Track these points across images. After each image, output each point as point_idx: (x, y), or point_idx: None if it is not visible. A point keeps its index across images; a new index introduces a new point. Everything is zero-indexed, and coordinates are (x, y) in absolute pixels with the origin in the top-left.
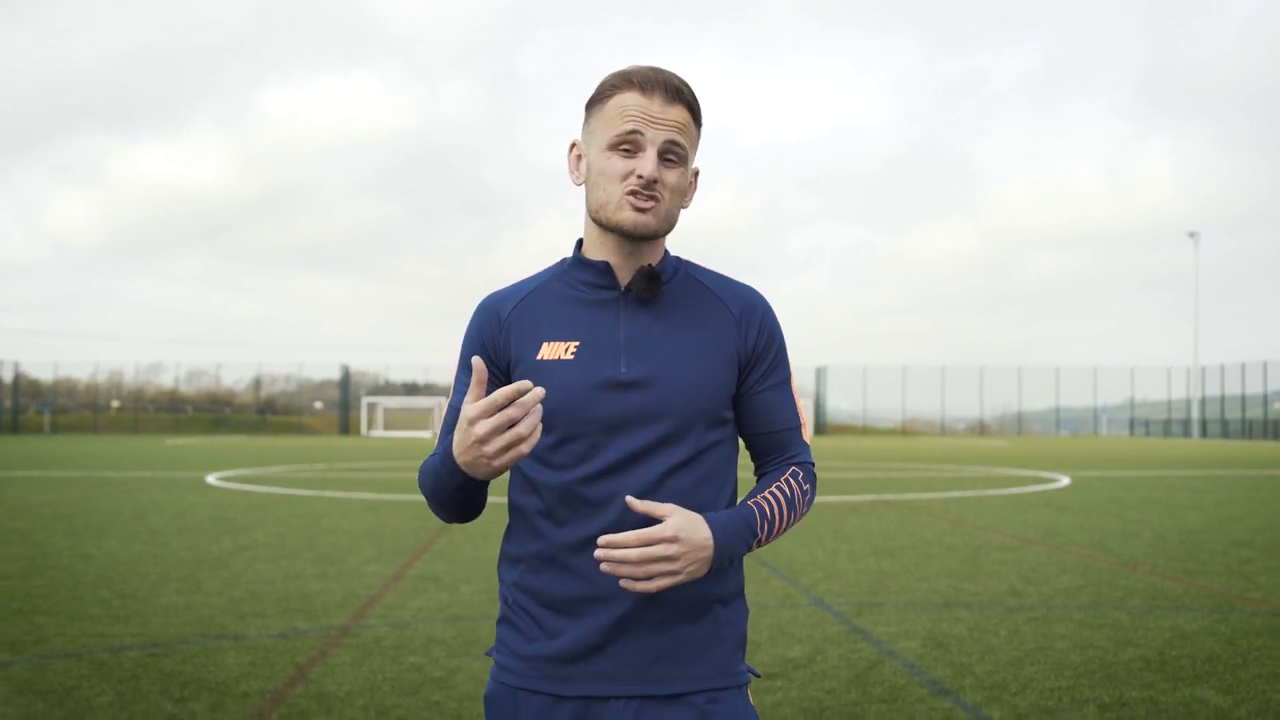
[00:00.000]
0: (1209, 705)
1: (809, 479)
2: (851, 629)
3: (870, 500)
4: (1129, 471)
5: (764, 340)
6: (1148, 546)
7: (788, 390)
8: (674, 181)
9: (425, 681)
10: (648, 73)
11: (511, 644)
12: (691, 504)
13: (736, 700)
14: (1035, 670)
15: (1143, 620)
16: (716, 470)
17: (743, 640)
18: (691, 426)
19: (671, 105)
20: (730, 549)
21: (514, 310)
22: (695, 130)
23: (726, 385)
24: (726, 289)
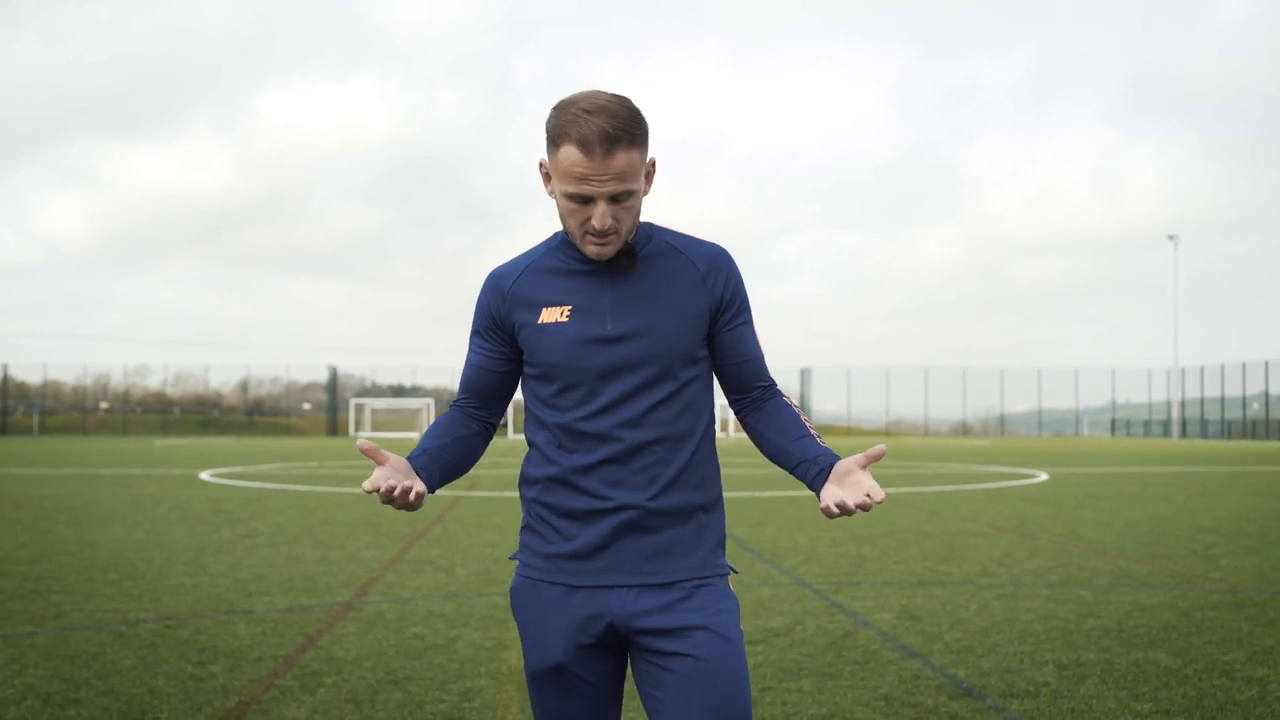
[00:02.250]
0: (1160, 665)
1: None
2: (829, 604)
3: None
4: (1106, 468)
5: (729, 290)
6: (1117, 534)
7: (750, 328)
8: (626, 214)
9: (428, 648)
10: (585, 128)
11: (534, 546)
12: (672, 431)
13: (717, 586)
14: (1000, 638)
15: (1105, 596)
16: (694, 401)
17: (722, 540)
18: (670, 369)
19: (610, 157)
20: None
21: (514, 284)
22: (640, 154)
23: (698, 330)
24: (693, 249)
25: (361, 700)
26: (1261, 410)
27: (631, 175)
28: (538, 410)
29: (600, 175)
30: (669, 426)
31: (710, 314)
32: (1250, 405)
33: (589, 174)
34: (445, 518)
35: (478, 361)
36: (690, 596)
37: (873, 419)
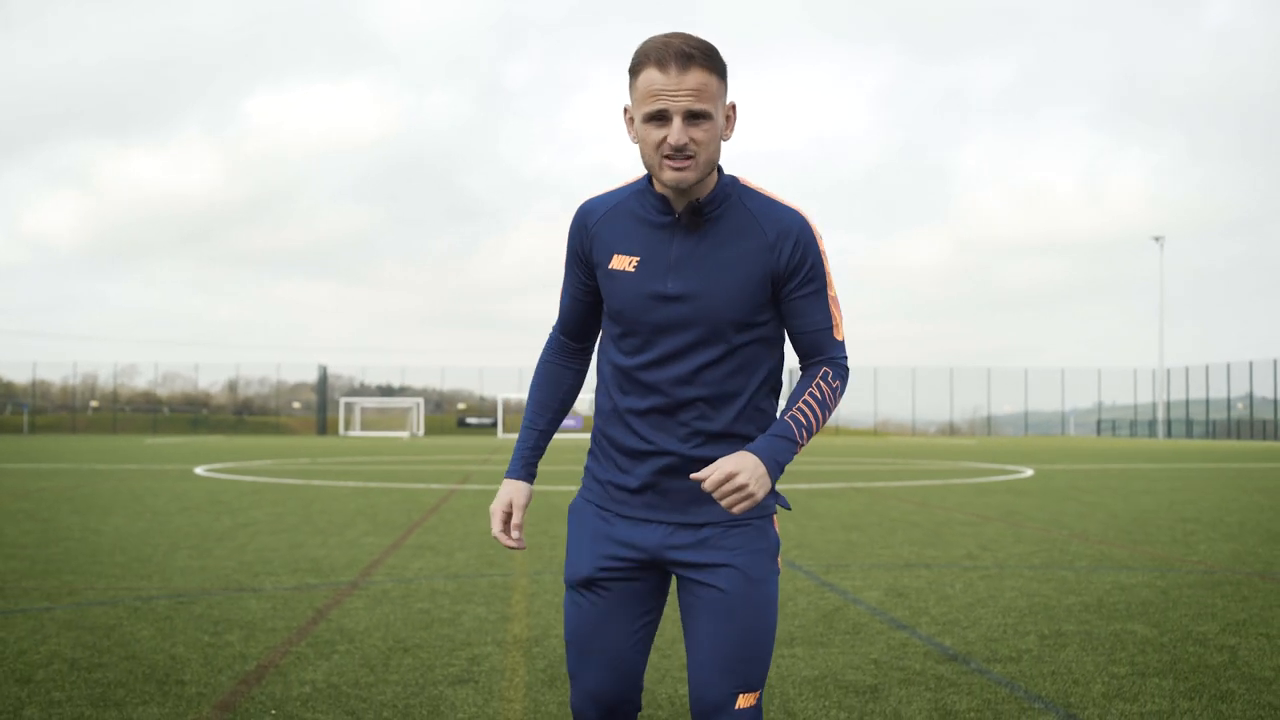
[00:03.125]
0: (1136, 635)
1: (838, 375)
2: (820, 583)
3: (840, 487)
4: (1091, 465)
5: (797, 257)
6: (1100, 523)
7: (821, 298)
8: (704, 136)
9: (434, 621)
10: (662, 47)
11: (594, 471)
12: (721, 390)
13: (755, 526)
14: (984, 612)
15: (1087, 576)
16: (747, 363)
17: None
18: (722, 332)
19: (686, 73)
20: (779, 459)
21: (597, 223)
22: (717, 81)
23: (755, 298)
24: (768, 213)
25: (375, 664)
26: (1246, 411)
27: (707, 96)
28: (608, 346)
29: (675, 89)
30: (718, 386)
31: (773, 281)
32: (1235, 406)
33: (664, 89)
34: (440, 508)
35: (570, 291)
36: (725, 535)
37: (861, 419)
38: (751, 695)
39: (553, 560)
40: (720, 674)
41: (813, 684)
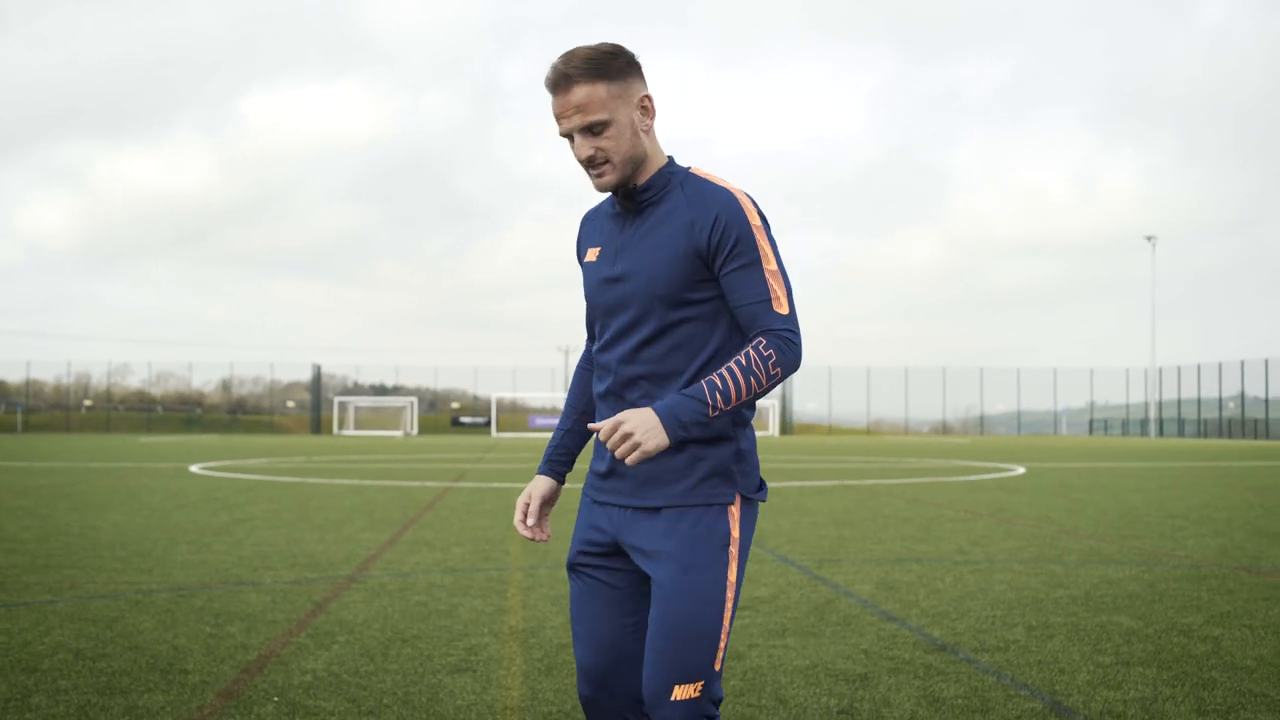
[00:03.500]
0: (1122, 626)
1: (772, 344)
2: (812, 577)
3: (832, 485)
4: (1083, 463)
5: (719, 234)
6: (1089, 519)
7: (754, 271)
8: (609, 143)
9: (431, 613)
10: (550, 73)
11: (591, 463)
12: (662, 369)
13: (704, 515)
14: (974, 604)
15: (1075, 570)
16: (686, 341)
17: (722, 470)
18: (653, 310)
19: (570, 94)
20: (679, 414)
21: (583, 225)
22: (606, 86)
23: (682, 275)
24: (697, 194)
25: (374, 654)
26: (1237, 410)
27: (596, 107)
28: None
29: (565, 111)
30: (657, 364)
31: (701, 259)
32: (1227, 405)
33: (560, 112)
34: (436, 505)
35: (585, 293)
36: (672, 523)
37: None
38: (690, 685)
39: (546, 556)
40: (655, 665)
41: (804, 672)
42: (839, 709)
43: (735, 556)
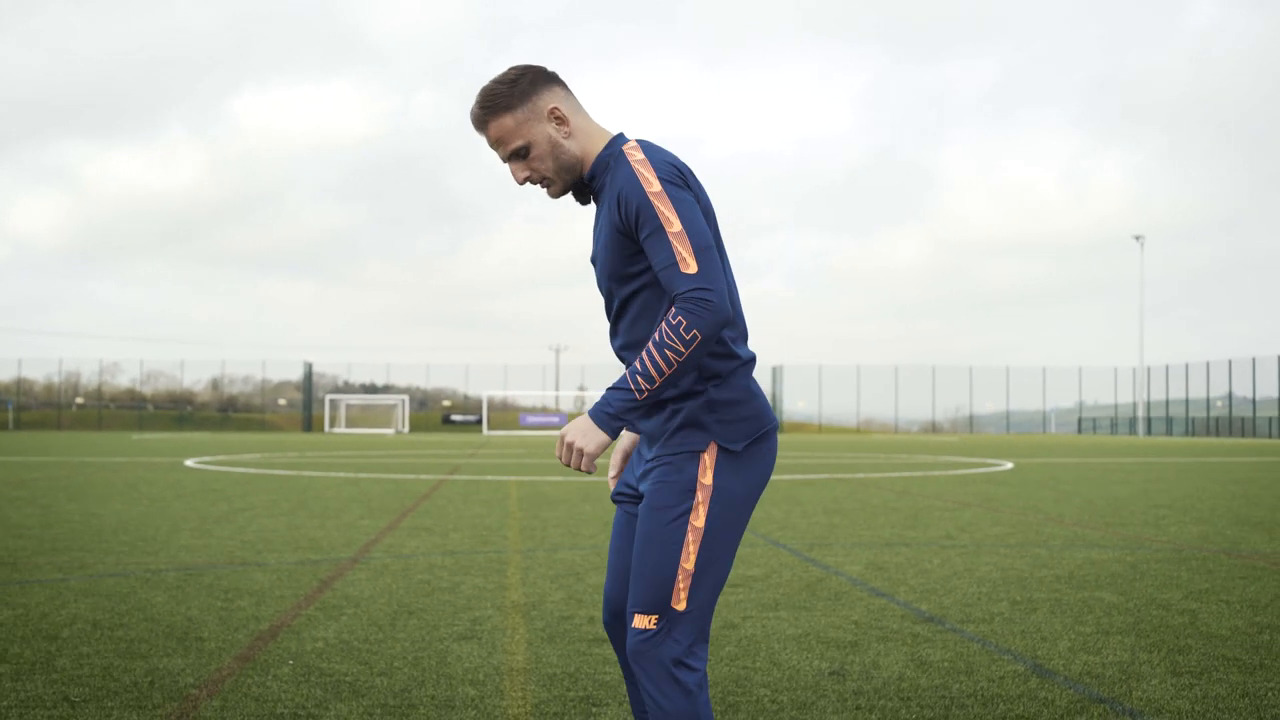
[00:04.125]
0: (1104, 601)
1: (681, 311)
2: (803, 559)
3: (823, 478)
4: (1070, 459)
5: (628, 210)
6: (1075, 508)
7: (659, 238)
8: (536, 161)
9: (435, 589)
10: (470, 118)
11: None
12: (635, 337)
13: (674, 461)
14: (960, 582)
15: (1060, 553)
16: (645, 309)
17: (691, 420)
18: (613, 288)
19: (486, 131)
20: (607, 409)
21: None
22: (513, 116)
23: (617, 253)
24: (614, 176)
25: (382, 624)
26: (1225, 409)
27: (510, 135)
28: None
29: (491, 146)
30: (631, 333)
31: (626, 235)
32: (1214, 404)
33: (490, 148)
34: (432, 495)
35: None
36: (655, 472)
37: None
38: (646, 618)
39: (543, 540)
40: (629, 593)
41: (797, 640)
42: (830, 670)
43: (704, 502)
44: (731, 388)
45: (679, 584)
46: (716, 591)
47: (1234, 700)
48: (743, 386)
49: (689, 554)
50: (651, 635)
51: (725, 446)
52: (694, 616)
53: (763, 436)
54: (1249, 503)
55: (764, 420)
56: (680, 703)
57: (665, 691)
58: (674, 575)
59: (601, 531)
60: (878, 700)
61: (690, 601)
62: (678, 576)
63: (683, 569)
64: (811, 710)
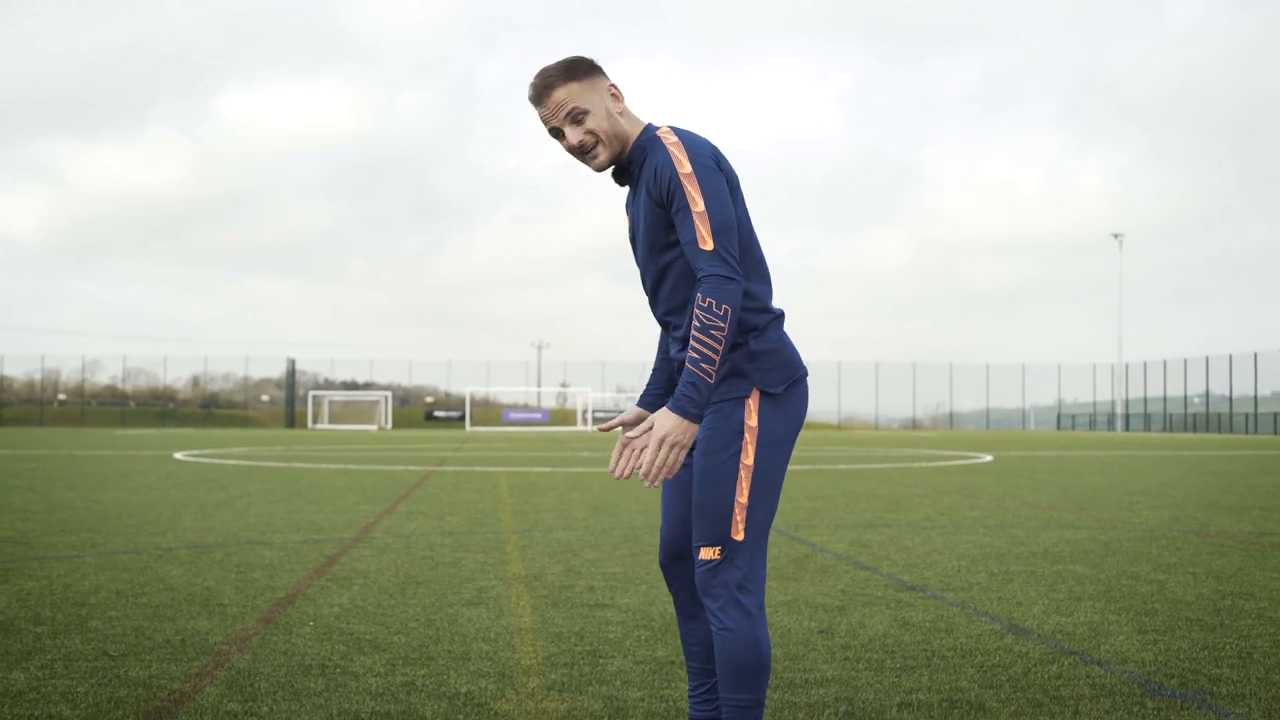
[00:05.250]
0: (1076, 573)
1: (708, 292)
2: (789, 538)
3: (806, 469)
4: (1049, 451)
5: (661, 185)
6: (1051, 495)
7: (686, 215)
8: (592, 126)
9: (439, 563)
10: (530, 90)
11: None
12: (674, 303)
13: (723, 408)
14: (940, 557)
15: (1036, 533)
16: (684, 274)
17: (735, 369)
18: (651, 258)
19: (551, 96)
20: (694, 403)
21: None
22: (577, 84)
23: (656, 224)
24: (652, 156)
25: (393, 593)
26: (1202, 406)
27: (573, 100)
28: None
29: (552, 111)
30: (670, 301)
31: (662, 208)
32: (1192, 401)
33: (547, 115)
34: (424, 484)
35: None
36: (707, 418)
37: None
38: (711, 549)
39: (537, 523)
40: (693, 529)
41: (786, 605)
42: (819, 629)
43: (752, 442)
44: (768, 339)
45: (736, 517)
46: (769, 522)
47: (1194, 652)
48: (776, 338)
49: (742, 489)
50: (716, 565)
51: (766, 391)
52: (751, 545)
53: (797, 381)
54: (1220, 490)
55: (797, 367)
56: (743, 624)
57: (730, 614)
58: (731, 509)
59: (591, 515)
60: (864, 653)
61: (747, 532)
62: (734, 510)
63: (738, 503)
64: (803, 661)
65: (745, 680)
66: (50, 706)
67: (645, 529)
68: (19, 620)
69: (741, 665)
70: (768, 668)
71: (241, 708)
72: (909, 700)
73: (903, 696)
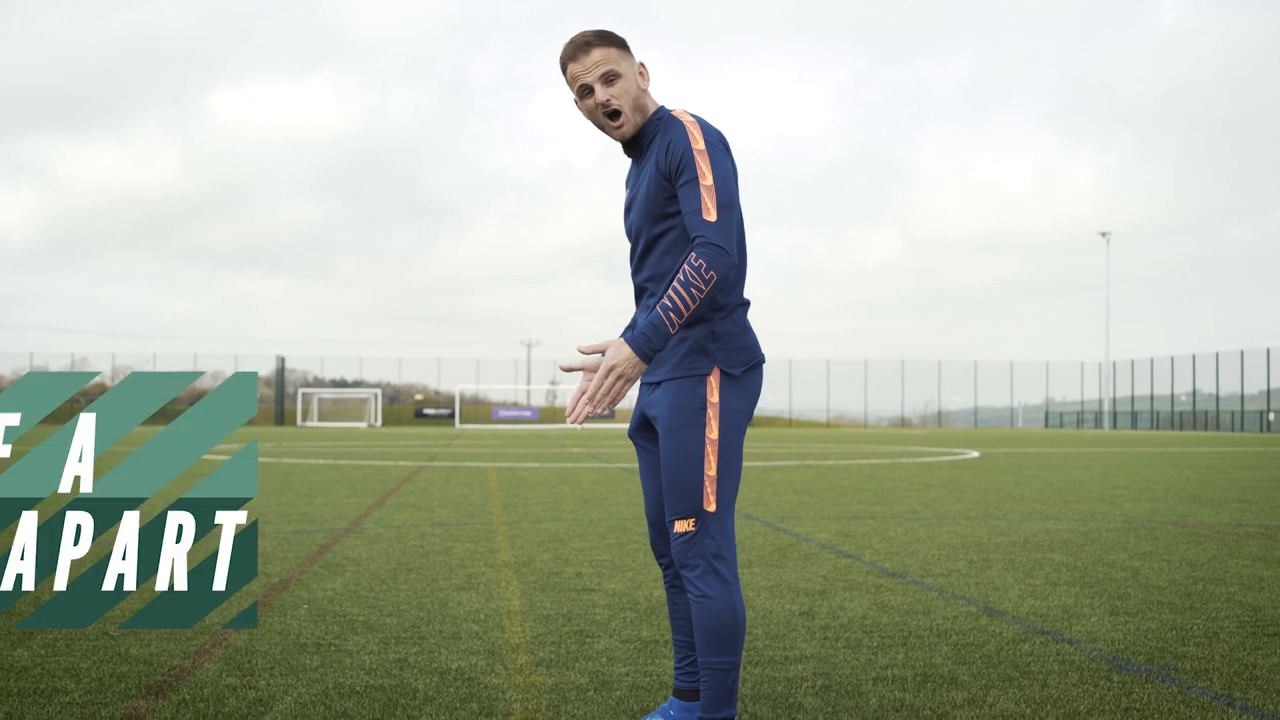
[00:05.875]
0: (1054, 560)
1: (701, 255)
2: (774, 529)
3: (793, 464)
4: (1035, 448)
5: (673, 159)
6: (1035, 489)
7: (693, 187)
8: (620, 90)
9: (429, 551)
10: (569, 45)
11: None
12: (658, 270)
13: (684, 382)
14: (922, 546)
15: (1017, 524)
16: (672, 246)
17: (698, 346)
18: (645, 226)
19: (589, 54)
20: (650, 343)
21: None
22: (617, 50)
23: (657, 195)
24: (665, 131)
25: (384, 579)
26: (1189, 404)
27: (608, 61)
28: None
29: (586, 68)
30: (655, 267)
31: (668, 180)
32: (1179, 399)
33: (579, 71)
34: (414, 478)
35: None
36: (665, 392)
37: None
38: (685, 521)
39: (526, 514)
40: (665, 506)
41: (770, 589)
42: (801, 611)
43: (714, 418)
44: (732, 322)
45: (707, 489)
46: (735, 491)
47: (1163, 633)
48: (739, 322)
49: (710, 463)
50: (692, 535)
51: (726, 371)
52: (722, 514)
53: (755, 365)
54: (1201, 485)
55: (756, 352)
56: (721, 591)
57: (709, 581)
58: (701, 482)
59: (580, 508)
60: (843, 633)
61: (718, 502)
62: (704, 483)
63: (707, 476)
64: (783, 640)
65: (723, 644)
66: (54, 680)
67: (633, 519)
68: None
69: (719, 630)
70: (743, 632)
71: (240, 682)
72: (884, 675)
73: (878, 672)
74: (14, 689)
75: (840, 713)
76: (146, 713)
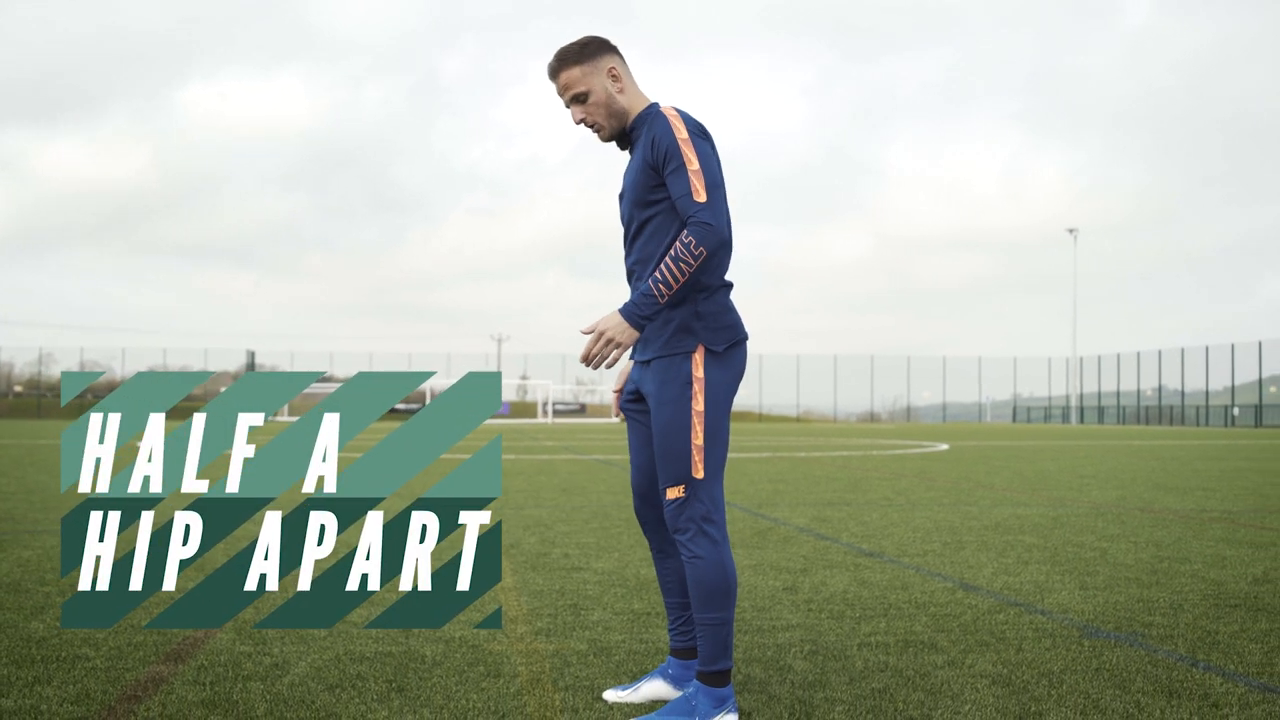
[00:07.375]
0: (1025, 542)
1: (692, 232)
2: (753, 514)
3: (767, 456)
4: (1004, 441)
5: (659, 150)
6: (1005, 478)
7: (680, 173)
8: (591, 106)
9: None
10: (547, 70)
11: None
12: (645, 254)
13: (671, 360)
14: (897, 530)
15: (988, 510)
16: (658, 231)
17: (683, 325)
18: (633, 212)
19: (557, 79)
20: (640, 310)
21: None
22: (580, 68)
23: (643, 183)
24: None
25: None
26: (1155, 399)
27: (575, 83)
28: None
29: (559, 91)
30: (642, 251)
31: (654, 169)
32: (1144, 394)
33: (559, 94)
34: None
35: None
36: (654, 370)
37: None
38: (676, 488)
39: (509, 501)
40: (657, 474)
41: (752, 568)
42: (783, 587)
43: (700, 392)
44: (715, 302)
45: (694, 457)
46: (723, 460)
47: (1130, 604)
48: (722, 303)
49: (697, 432)
50: (682, 501)
51: (710, 348)
52: (710, 480)
53: (738, 343)
54: (1166, 475)
55: (739, 331)
56: (711, 551)
57: (700, 543)
58: (689, 451)
59: (561, 495)
60: (826, 605)
61: (706, 469)
62: (692, 452)
63: (695, 445)
64: (769, 612)
65: (715, 600)
66: (73, 649)
67: (614, 507)
68: (25, 582)
69: (712, 587)
70: (734, 589)
71: (254, 649)
72: (868, 641)
73: (862, 639)
74: (36, 656)
75: (829, 673)
76: (169, 676)
